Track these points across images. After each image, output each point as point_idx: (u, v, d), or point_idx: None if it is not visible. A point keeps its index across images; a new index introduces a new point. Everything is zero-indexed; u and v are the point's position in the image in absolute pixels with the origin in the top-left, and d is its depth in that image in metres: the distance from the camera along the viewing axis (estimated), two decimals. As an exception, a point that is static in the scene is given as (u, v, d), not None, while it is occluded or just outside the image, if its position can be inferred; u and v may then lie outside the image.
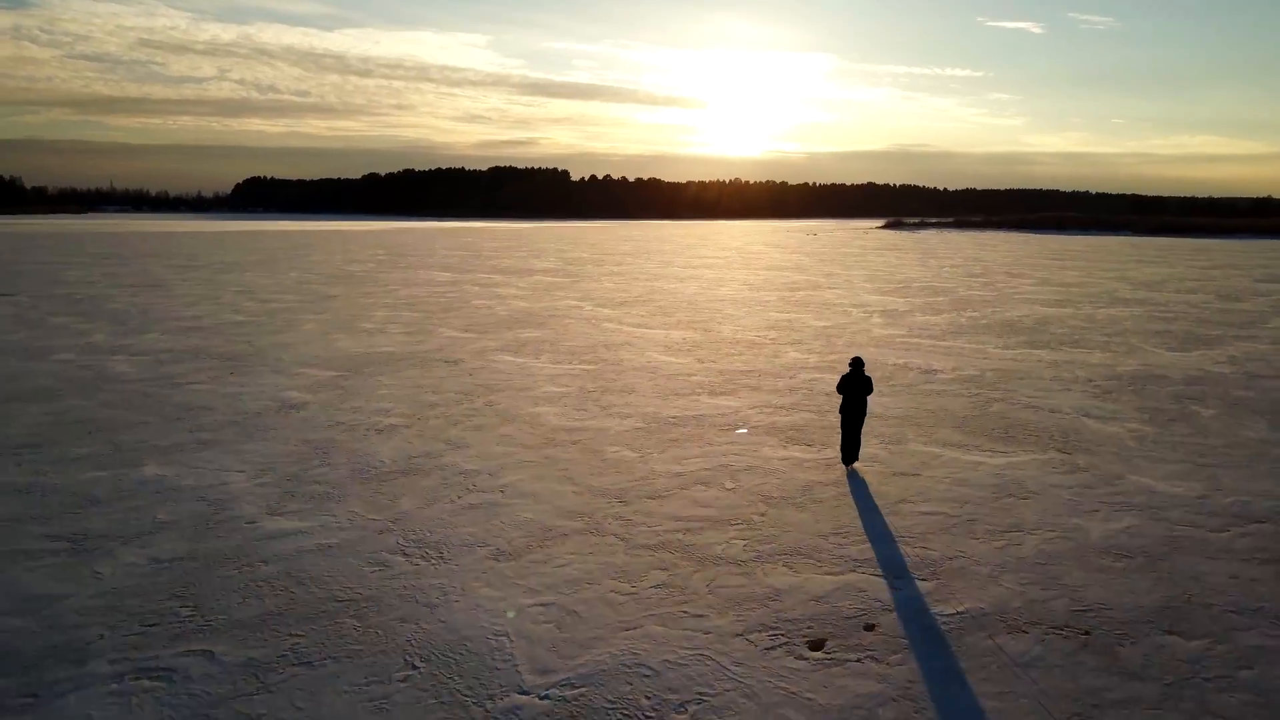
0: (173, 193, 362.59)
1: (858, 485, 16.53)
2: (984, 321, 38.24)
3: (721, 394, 23.82)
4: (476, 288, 52.14)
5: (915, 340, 33.01)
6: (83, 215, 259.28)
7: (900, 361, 28.65)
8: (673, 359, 28.95)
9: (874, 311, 41.77)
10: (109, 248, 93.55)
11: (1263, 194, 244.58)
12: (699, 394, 23.80)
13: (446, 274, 61.85)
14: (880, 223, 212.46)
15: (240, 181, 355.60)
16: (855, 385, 17.32)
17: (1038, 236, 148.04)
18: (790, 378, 26.07)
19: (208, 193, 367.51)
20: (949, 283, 57.92)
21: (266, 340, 32.19)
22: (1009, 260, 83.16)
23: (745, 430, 20.26)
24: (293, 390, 23.88)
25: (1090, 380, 25.85)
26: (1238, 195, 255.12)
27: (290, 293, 48.45)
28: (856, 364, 17.47)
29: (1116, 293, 51.60)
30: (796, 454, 18.39)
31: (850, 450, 17.54)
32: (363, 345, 31.18)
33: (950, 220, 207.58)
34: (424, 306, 42.51)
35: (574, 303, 44.68)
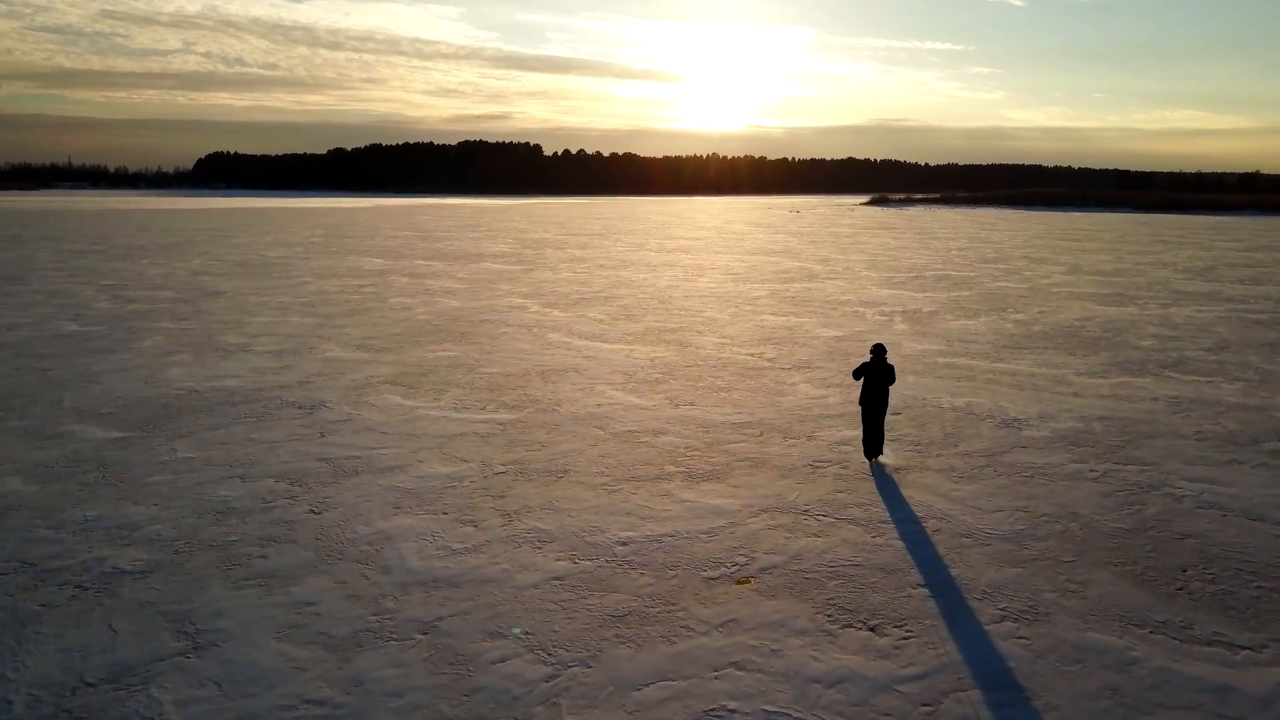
0: (133, 168, 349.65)
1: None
2: (1038, 329, 29.52)
3: (706, 478, 15.00)
4: (405, 279, 43.09)
5: (964, 362, 24.24)
6: (34, 191, 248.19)
7: (960, 403, 19.89)
8: (634, 399, 20.12)
9: (893, 313, 32.97)
10: (18, 229, 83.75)
11: (1246, 169, 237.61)
12: (669, 478, 14.98)
13: (378, 261, 52.73)
14: (864, 199, 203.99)
15: (202, 156, 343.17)
16: (876, 374, 15.72)
17: (1034, 213, 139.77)
18: (809, 437, 17.27)
19: (169, 168, 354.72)
20: (966, 270, 49.25)
21: (76, 366, 23.18)
22: (1019, 241, 74.62)
23: (753, 582, 11.32)
24: (12, 476, 14.91)
25: (1256, 438, 17.21)
26: (1224, 170, 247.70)
27: (170, 289, 39.28)
28: (878, 351, 15.95)
29: (1170, 284, 43.07)
30: (859, 662, 9.48)
31: (873, 444, 15.93)
32: (200, 375, 22.18)
33: (936, 196, 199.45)
34: (324, 308, 33.44)
35: (518, 301, 35.73)
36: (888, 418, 16.69)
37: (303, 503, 13.80)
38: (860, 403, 15.90)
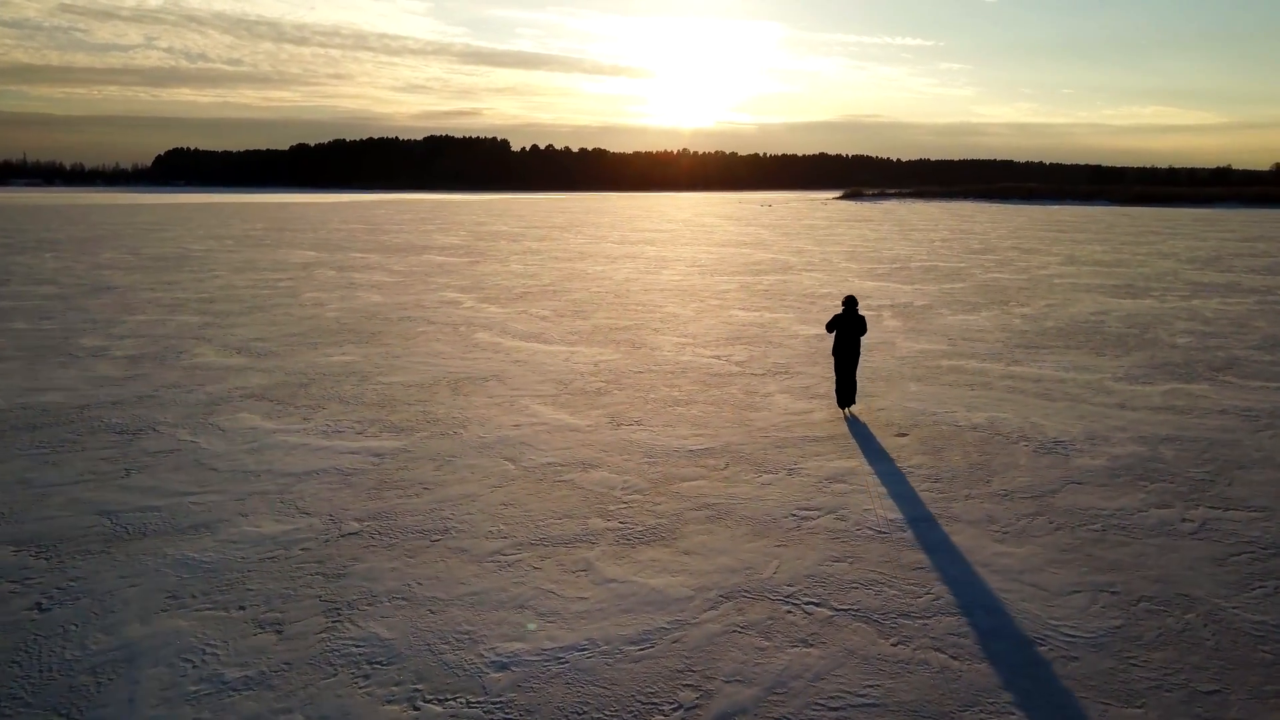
0: (91, 165, 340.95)
1: None
2: (1050, 324, 25.13)
3: (645, 539, 10.57)
4: (332, 273, 38.28)
5: (974, 365, 19.84)
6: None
7: (980, 420, 15.46)
8: (564, 417, 15.60)
9: (880, 307, 28.51)
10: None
11: (1215, 164, 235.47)
12: (593, 541, 10.51)
13: (310, 254, 47.84)
14: (837, 194, 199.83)
15: (161, 153, 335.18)
16: (849, 326, 15.65)
17: (1011, 206, 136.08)
18: (789, 470, 12.80)
19: (129, 165, 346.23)
20: (954, 261, 44.94)
21: None
22: (1003, 232, 70.48)
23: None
24: None
25: (1389, 472, 12.85)
26: (1194, 165, 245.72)
27: (56, 284, 34.35)
28: (850, 303, 15.84)
29: (1181, 274, 38.88)
30: None
31: (846, 394, 15.95)
32: (16, 389, 17.61)
33: (909, 190, 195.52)
34: (222, 305, 28.65)
35: (452, 295, 31.04)
36: (860, 368, 16.47)
37: (32, 590, 9.15)
38: (833, 353, 15.91)
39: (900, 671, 7.71)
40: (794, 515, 11.17)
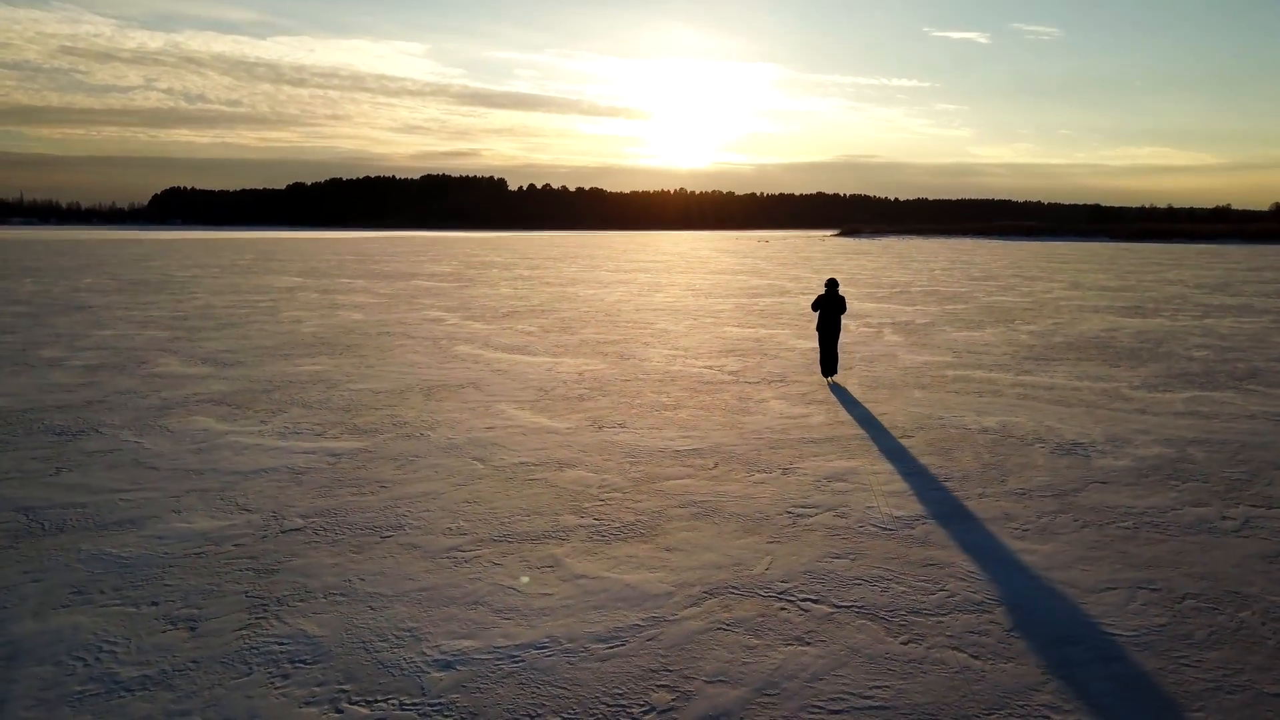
0: (88, 204, 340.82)
1: None
2: (1059, 339, 24.04)
3: (622, 535, 9.44)
4: (315, 295, 37.20)
5: (981, 375, 18.73)
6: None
7: (991, 423, 14.35)
8: (542, 420, 14.45)
9: (881, 324, 27.43)
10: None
11: (1213, 204, 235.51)
12: (564, 537, 9.39)
13: (295, 279, 46.82)
14: (834, 231, 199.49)
15: (158, 193, 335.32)
16: (830, 305, 17.63)
17: (1011, 242, 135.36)
18: (784, 470, 11.67)
19: (125, 204, 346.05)
20: (955, 286, 43.92)
21: None
22: (1004, 263, 69.54)
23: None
24: None
25: None
26: (1193, 206, 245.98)
27: (30, 304, 33.32)
28: (832, 285, 17.84)
29: (1190, 298, 37.84)
30: None
31: (829, 364, 17.76)
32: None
33: (907, 228, 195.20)
34: (196, 322, 27.58)
35: (436, 314, 29.94)
36: (840, 341, 18.40)
37: (-83, 586, 7.95)
38: (817, 329, 17.89)
39: (912, 671, 6.55)
40: (789, 513, 10.03)
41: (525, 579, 8.01)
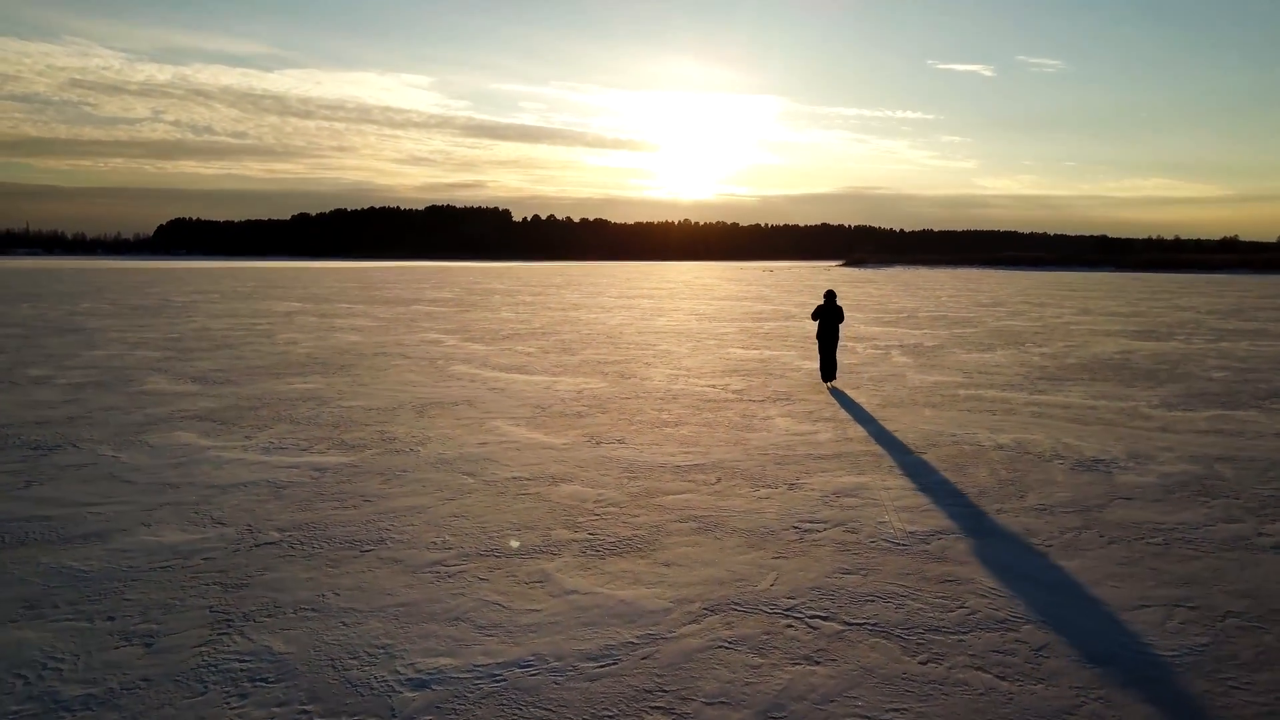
0: (93, 235, 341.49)
1: None
2: (1072, 361, 23.45)
3: (618, 550, 8.88)
4: (313, 319, 36.68)
5: (993, 394, 18.15)
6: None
7: (1007, 440, 13.77)
8: (538, 436, 13.89)
9: (888, 346, 26.86)
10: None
11: (1220, 235, 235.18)
12: (555, 551, 8.81)
13: (295, 304, 46.34)
14: (839, 262, 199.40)
15: (163, 223, 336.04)
16: (829, 314, 19.15)
17: (1018, 272, 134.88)
18: (790, 485, 11.09)
19: (130, 235, 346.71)
20: (963, 312, 43.36)
21: None
22: (1012, 291, 68.99)
23: None
24: None
25: None
26: (1200, 237, 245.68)
27: (23, 326, 32.79)
28: (830, 296, 19.42)
29: (1204, 323, 37.22)
30: None
31: (828, 370, 19.11)
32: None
33: (912, 259, 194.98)
34: (190, 343, 27.06)
35: (435, 336, 29.41)
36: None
37: None
38: (817, 337, 19.35)
39: (933, 693, 5.94)
40: (796, 528, 9.43)
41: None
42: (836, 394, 18.02)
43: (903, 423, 15.17)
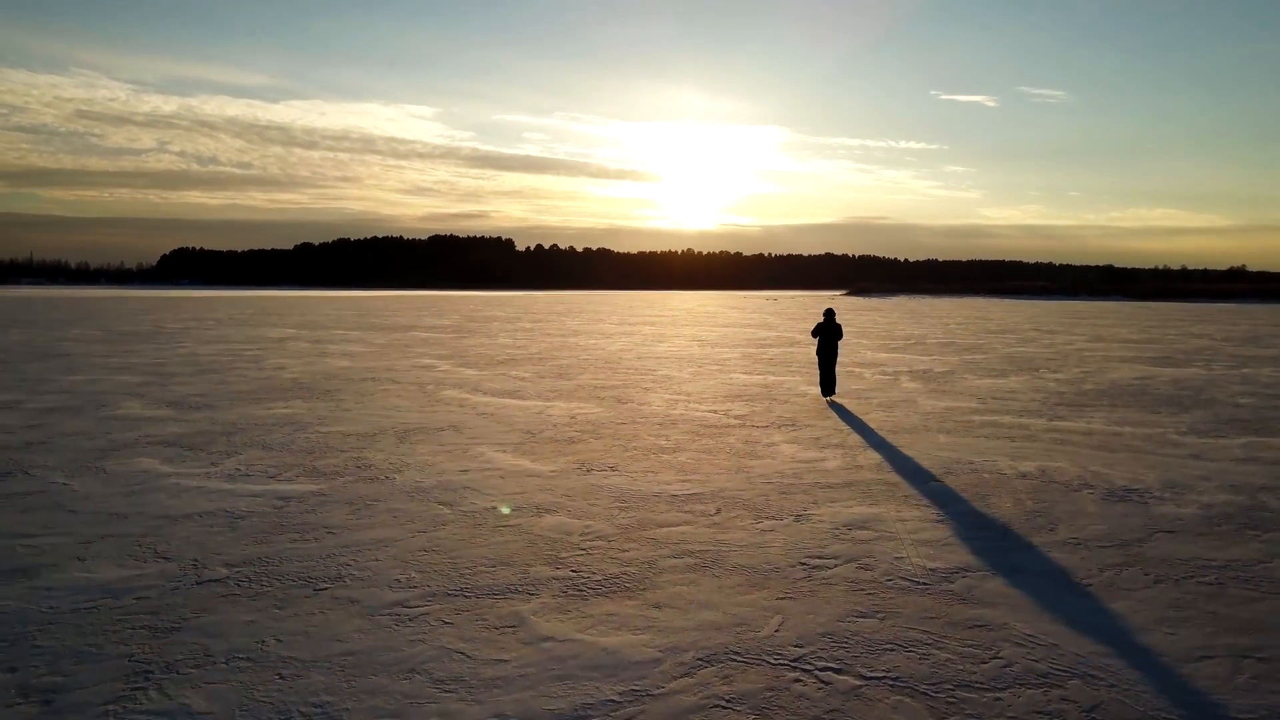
0: (96, 264, 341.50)
1: None
2: (1090, 387, 22.46)
3: (604, 590, 7.86)
4: (306, 345, 35.75)
5: (1011, 420, 17.17)
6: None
7: (1030, 468, 12.81)
8: (524, 463, 12.92)
9: (897, 372, 25.89)
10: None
11: (1227, 265, 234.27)
12: (531, 591, 7.82)
13: (290, 330, 45.45)
14: (843, 291, 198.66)
15: (166, 253, 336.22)
16: (829, 332, 20.10)
17: (1024, 301, 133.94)
18: (797, 517, 10.13)
19: (133, 264, 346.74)
20: (972, 339, 42.37)
21: None
22: (1020, 319, 67.98)
23: None
24: None
25: None
26: (1208, 267, 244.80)
27: (8, 352, 31.91)
28: (829, 314, 20.48)
29: (1221, 350, 36.18)
30: None
31: (828, 385, 19.91)
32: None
33: (917, 288, 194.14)
34: (173, 368, 26.14)
35: (428, 361, 28.46)
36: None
37: None
38: (817, 353, 20.19)
39: None
40: (803, 564, 8.45)
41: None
42: (845, 417, 17.07)
43: (916, 449, 14.19)
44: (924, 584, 7.96)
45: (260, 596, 7.54)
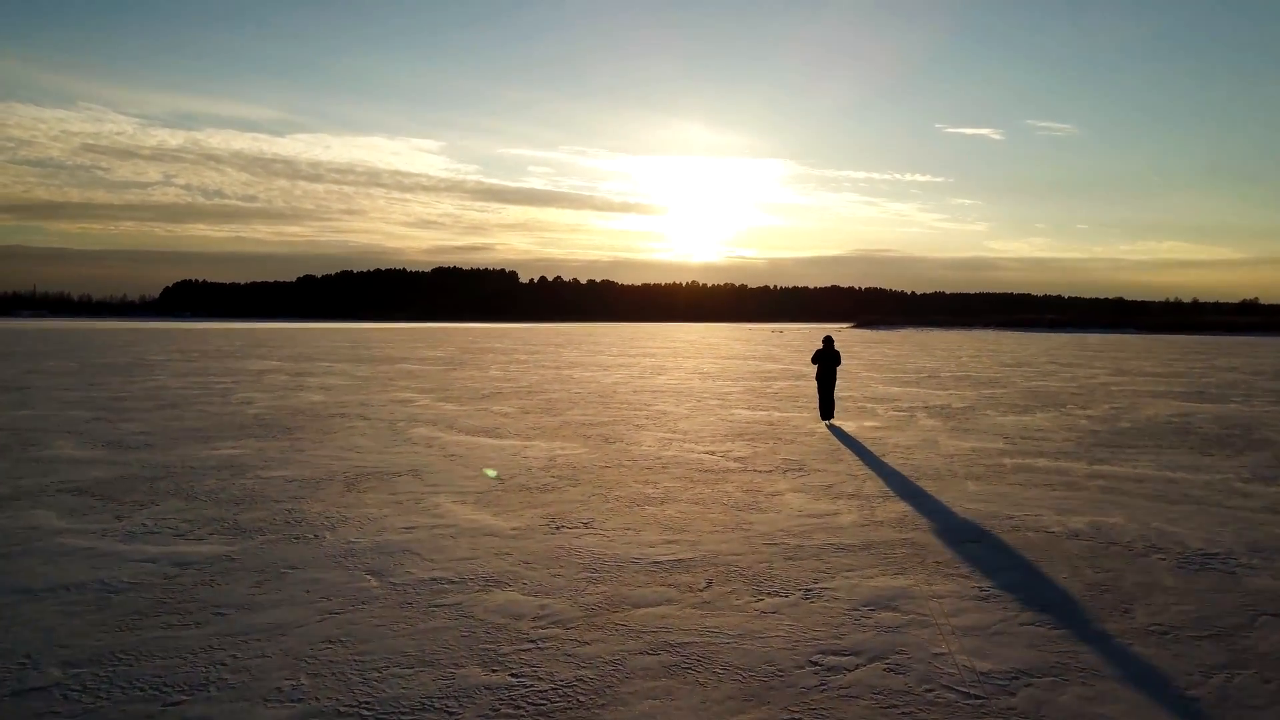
0: (99, 297, 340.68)
1: None
2: (1126, 425, 20.46)
3: (552, 714, 5.65)
4: (283, 378, 33.81)
5: (1046, 464, 15.18)
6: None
7: (1080, 525, 10.86)
8: (484, 518, 10.97)
9: (913, 409, 23.89)
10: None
11: (1238, 298, 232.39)
12: (450, 717, 5.63)
13: (272, 363, 43.50)
14: (850, 324, 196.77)
15: (169, 285, 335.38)
16: (827, 359, 20.86)
17: (1036, 334, 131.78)
18: (806, 591, 8.11)
19: (135, 297, 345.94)
20: (988, 372, 40.36)
21: None
22: (1034, 351, 65.88)
23: None
24: None
25: None
26: (1217, 299, 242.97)
27: (-36, 383, 29.94)
28: (828, 341, 21.16)
29: (1253, 384, 34.18)
30: None
31: (827, 409, 20.66)
32: None
33: (925, 320, 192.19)
34: (134, 403, 24.27)
35: (408, 396, 26.50)
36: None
37: None
38: (816, 379, 21.06)
39: None
40: (814, 664, 6.46)
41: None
42: (859, 458, 15.07)
43: (943, 500, 12.21)
44: (976, 696, 5.98)
45: (88, 714, 5.56)
